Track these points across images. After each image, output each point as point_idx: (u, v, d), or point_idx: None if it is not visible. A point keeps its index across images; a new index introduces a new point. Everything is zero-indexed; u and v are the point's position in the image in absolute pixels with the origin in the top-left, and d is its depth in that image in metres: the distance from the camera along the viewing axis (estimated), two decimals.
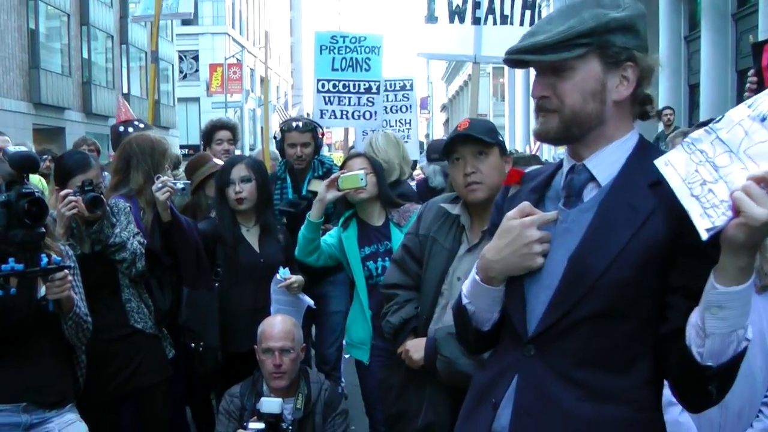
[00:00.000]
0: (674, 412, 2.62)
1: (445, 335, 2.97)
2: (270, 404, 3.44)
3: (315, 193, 4.49)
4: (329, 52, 6.43)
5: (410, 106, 7.93)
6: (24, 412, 3.10)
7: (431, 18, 6.05)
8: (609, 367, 1.78)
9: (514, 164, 4.37)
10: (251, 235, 4.34)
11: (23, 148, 3.21)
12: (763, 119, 1.51)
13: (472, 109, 6.11)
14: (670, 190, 1.59)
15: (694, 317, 1.62)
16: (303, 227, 4.23)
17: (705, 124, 2.70)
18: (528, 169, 2.15)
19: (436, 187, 6.77)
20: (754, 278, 1.56)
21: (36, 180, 5.98)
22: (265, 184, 4.43)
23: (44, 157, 7.27)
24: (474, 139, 3.04)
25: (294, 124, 5.29)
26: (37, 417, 3.12)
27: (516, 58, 1.88)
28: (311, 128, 5.28)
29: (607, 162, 1.85)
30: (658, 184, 1.69)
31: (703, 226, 1.51)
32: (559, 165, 1.99)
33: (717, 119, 1.60)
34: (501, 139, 3.21)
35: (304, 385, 3.80)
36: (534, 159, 4.65)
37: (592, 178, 1.86)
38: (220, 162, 4.96)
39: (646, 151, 1.83)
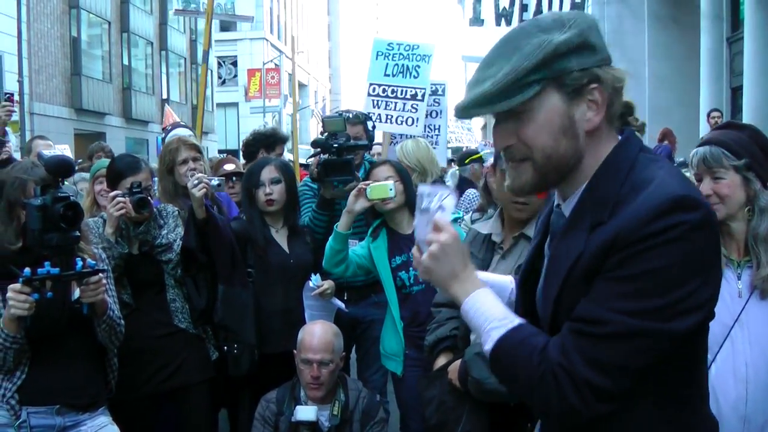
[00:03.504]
0: None
1: (473, 356, 2.98)
2: (305, 412, 3.50)
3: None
4: (384, 58, 6.46)
5: (441, 111, 7.85)
6: (57, 414, 3.12)
7: (477, 20, 5.98)
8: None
9: None
10: (280, 237, 4.31)
11: (58, 152, 3.22)
12: (421, 211, 1.83)
13: None
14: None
15: None
16: (330, 238, 4.14)
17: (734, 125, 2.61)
18: None
19: None
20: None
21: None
22: (293, 185, 4.39)
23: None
24: None
25: (344, 115, 5.04)
26: (70, 419, 3.15)
27: (466, 115, 1.71)
28: (362, 120, 5.01)
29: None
30: (598, 225, 1.58)
31: None
32: None
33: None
34: None
35: (342, 392, 3.75)
36: None
37: None
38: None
39: (609, 178, 1.63)
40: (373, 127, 5.11)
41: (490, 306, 1.70)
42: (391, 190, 4.03)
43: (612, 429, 1.64)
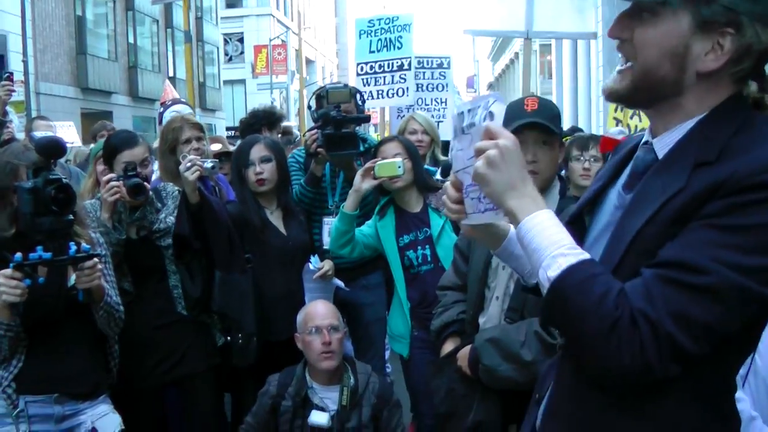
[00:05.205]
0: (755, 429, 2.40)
1: (483, 342, 2.87)
2: (318, 416, 3.52)
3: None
4: (367, 36, 6.52)
5: (446, 84, 7.84)
6: (56, 403, 3.03)
7: None
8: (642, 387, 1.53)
9: (572, 144, 4.18)
10: (275, 218, 4.16)
11: (50, 134, 3.12)
12: (462, 131, 1.68)
13: (524, 88, 5.92)
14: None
15: None
16: (336, 219, 4.02)
17: None
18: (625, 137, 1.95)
19: None
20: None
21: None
22: (284, 163, 4.23)
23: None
24: (542, 125, 2.84)
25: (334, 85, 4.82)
26: (69, 408, 3.06)
27: None
28: (354, 92, 4.78)
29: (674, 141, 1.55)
30: (706, 164, 1.42)
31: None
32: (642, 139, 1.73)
33: None
34: (561, 129, 3.04)
35: (351, 376, 3.64)
36: (592, 139, 4.33)
37: (658, 160, 1.59)
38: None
39: (720, 123, 1.48)
40: (363, 101, 4.98)
41: (556, 230, 1.50)
42: (399, 167, 3.90)
43: (645, 410, 1.52)
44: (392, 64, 6.40)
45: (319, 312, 3.66)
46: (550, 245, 1.48)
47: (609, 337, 1.38)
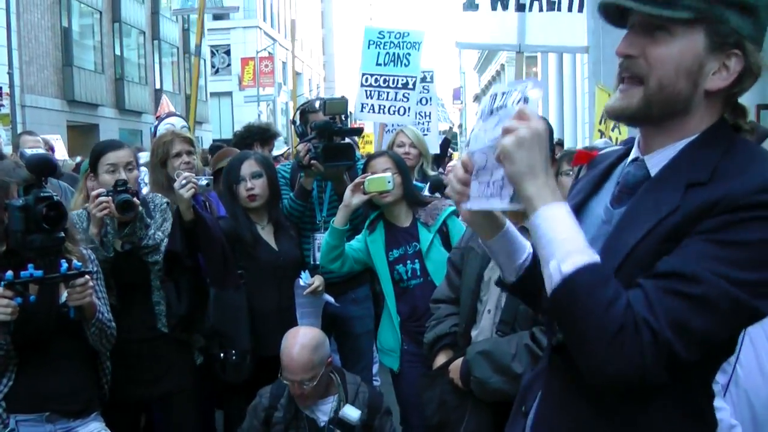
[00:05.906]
0: None
1: (475, 355, 2.90)
2: (350, 411, 3.52)
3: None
4: (376, 47, 6.47)
5: (430, 98, 7.88)
6: (47, 421, 3.02)
7: (471, 5, 5.86)
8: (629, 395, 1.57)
9: (562, 159, 4.22)
10: (266, 233, 4.18)
11: (41, 151, 3.12)
12: (491, 112, 1.64)
13: None
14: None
15: None
16: (326, 234, 4.03)
17: None
18: (603, 151, 1.95)
19: None
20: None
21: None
22: (275, 179, 4.25)
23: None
24: None
25: (318, 103, 4.82)
26: (61, 426, 3.05)
27: (612, 2, 1.57)
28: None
29: (667, 159, 1.59)
30: (698, 185, 1.48)
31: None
32: (626, 153, 1.75)
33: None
34: (554, 145, 3.08)
35: (340, 387, 3.64)
36: None
37: (650, 177, 1.61)
38: None
39: (710, 145, 1.54)
40: (347, 116, 4.98)
41: (573, 226, 1.50)
42: (389, 182, 3.92)
43: (633, 418, 1.57)
44: (397, 81, 6.34)
45: (292, 365, 3.51)
46: (567, 240, 1.48)
47: (613, 340, 1.41)
